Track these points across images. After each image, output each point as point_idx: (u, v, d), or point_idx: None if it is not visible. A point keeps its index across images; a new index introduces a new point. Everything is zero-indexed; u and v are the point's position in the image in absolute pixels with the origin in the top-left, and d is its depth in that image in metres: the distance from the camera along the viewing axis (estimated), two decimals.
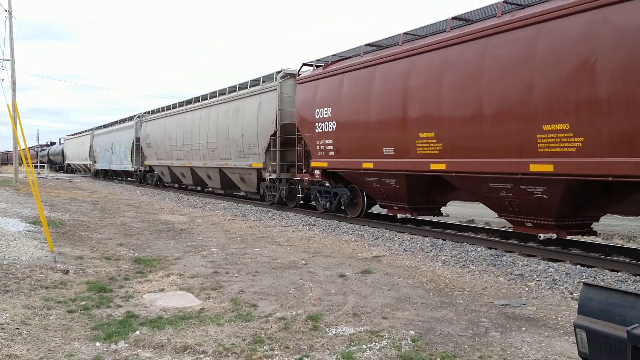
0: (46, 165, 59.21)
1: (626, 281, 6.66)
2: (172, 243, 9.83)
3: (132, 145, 29.49)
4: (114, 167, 34.22)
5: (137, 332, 4.64)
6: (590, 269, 7.31)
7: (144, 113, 29.20)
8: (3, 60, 27.95)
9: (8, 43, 27.56)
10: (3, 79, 27.79)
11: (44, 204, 13.97)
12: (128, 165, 30.84)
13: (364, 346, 4.36)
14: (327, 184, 13.58)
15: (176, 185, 26.45)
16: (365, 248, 9.40)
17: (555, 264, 7.58)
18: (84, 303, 5.57)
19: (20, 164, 30.60)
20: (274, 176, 15.40)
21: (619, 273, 7.02)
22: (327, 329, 4.80)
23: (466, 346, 4.42)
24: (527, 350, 4.34)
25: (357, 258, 8.44)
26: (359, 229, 11.44)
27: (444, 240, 9.80)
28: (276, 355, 4.17)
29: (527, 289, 6.53)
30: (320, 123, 12.88)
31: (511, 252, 8.64)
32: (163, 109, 26.06)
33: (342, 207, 13.30)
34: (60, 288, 6.13)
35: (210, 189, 22.40)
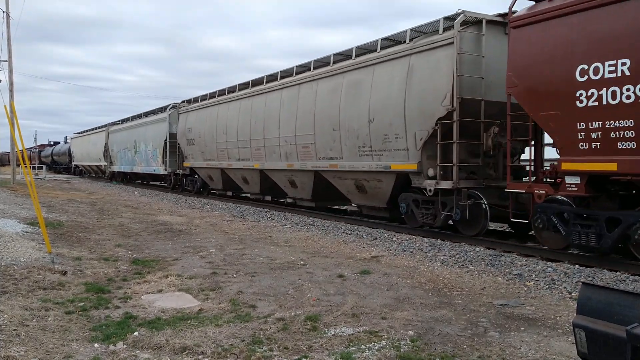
0: (44, 167, 58.33)
1: (625, 280, 6.66)
2: (171, 244, 9.81)
3: (165, 143, 23.63)
4: (138, 169, 28.40)
5: (136, 333, 4.63)
6: (588, 268, 7.32)
7: (182, 102, 23.33)
8: (0, 61, 27.88)
9: (5, 44, 27.50)
10: (0, 80, 27.77)
11: (41, 205, 13.94)
12: (158, 168, 24.86)
13: (363, 346, 4.36)
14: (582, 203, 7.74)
15: (230, 194, 20.15)
16: (364, 248, 9.39)
17: (553, 264, 7.58)
18: (82, 304, 5.55)
19: (18, 165, 30.51)
20: (446, 185, 9.56)
21: (618, 272, 7.03)
22: (326, 330, 4.79)
23: (465, 346, 4.42)
24: (526, 350, 4.34)
25: (356, 258, 8.43)
26: (358, 229, 11.44)
27: (443, 240, 9.79)
28: (275, 356, 4.17)
29: (525, 288, 6.53)
30: (592, 90, 7.12)
31: (510, 252, 8.64)
32: (213, 95, 19.75)
33: None
34: (58, 289, 6.12)
35: (290, 200, 16.41)
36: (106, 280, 6.76)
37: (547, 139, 8.55)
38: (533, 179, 8.56)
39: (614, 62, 6.90)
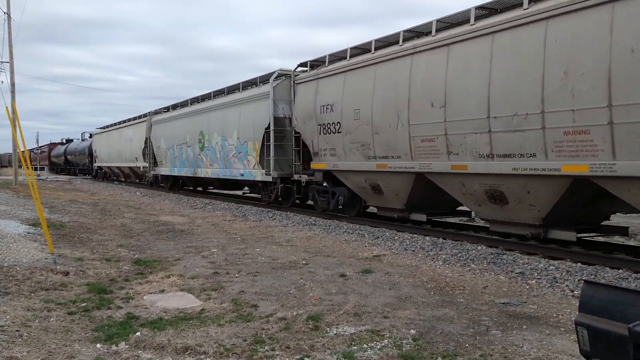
0: (46, 168, 57.60)
1: (627, 278, 6.64)
2: (173, 244, 9.82)
3: (263, 135, 15.40)
4: (206, 172, 19.79)
5: (138, 334, 4.63)
6: (591, 266, 7.30)
7: (298, 67, 14.68)
8: (2, 62, 27.93)
9: (7, 45, 27.54)
10: (2, 82, 27.82)
11: (43, 206, 13.96)
12: (250, 171, 16.36)
13: (365, 346, 4.36)
14: None
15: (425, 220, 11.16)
16: (366, 247, 9.39)
17: (555, 262, 7.57)
18: (84, 305, 5.56)
19: (20, 166, 30.55)
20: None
21: (620, 270, 7.01)
22: (328, 329, 4.79)
23: (467, 345, 4.41)
24: (529, 348, 4.34)
25: (358, 257, 8.43)
26: (360, 228, 11.43)
27: (445, 239, 9.78)
28: (277, 355, 4.17)
29: (527, 287, 6.52)
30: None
31: (512, 250, 8.62)
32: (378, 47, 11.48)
33: None
34: (61, 290, 6.13)
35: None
36: (108, 280, 6.76)
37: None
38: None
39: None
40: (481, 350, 4.27)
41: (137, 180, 31.09)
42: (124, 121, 31.71)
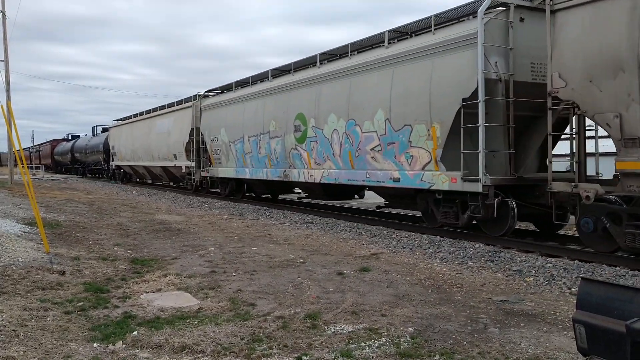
0: (42, 167, 56.42)
1: (624, 276, 6.66)
2: (169, 243, 9.80)
3: (458, 111, 8.94)
4: (312, 175, 13.36)
5: (135, 333, 4.62)
6: (588, 264, 7.32)
7: None
8: None
9: (2, 44, 27.41)
10: None
11: (39, 205, 13.90)
12: (418, 174, 9.92)
13: (362, 344, 4.35)
14: None
15: None
16: (363, 246, 9.39)
17: (553, 260, 7.58)
18: (81, 304, 5.54)
19: (16, 165, 30.39)
20: None
21: (617, 268, 7.03)
22: (326, 327, 4.79)
23: (465, 342, 4.42)
24: (526, 345, 4.34)
25: (355, 256, 8.43)
26: (357, 226, 11.43)
27: (442, 237, 9.79)
28: (275, 354, 4.16)
29: (525, 284, 6.53)
30: None
31: (509, 248, 8.63)
32: None
33: None
34: (57, 289, 6.10)
35: None
36: (105, 279, 6.74)
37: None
38: None
39: None
40: (479, 348, 4.28)
41: (172, 184, 25.10)
42: (156, 109, 25.44)
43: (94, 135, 43.66)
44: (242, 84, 17.73)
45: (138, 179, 31.17)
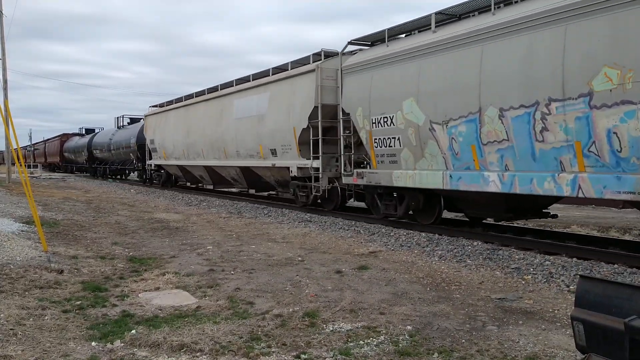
0: (40, 166, 55.70)
1: (622, 273, 6.67)
2: (168, 241, 9.78)
3: None
4: None
5: (133, 332, 4.61)
6: (586, 261, 7.33)
7: None
8: None
9: None
10: None
11: (37, 203, 13.86)
12: None
13: (361, 342, 4.35)
14: None
15: None
16: (362, 244, 9.39)
17: (551, 257, 7.59)
18: (79, 303, 5.53)
19: (14, 164, 30.25)
20: None
21: (615, 265, 7.04)
22: (324, 326, 4.78)
23: (463, 340, 4.42)
24: (525, 343, 4.34)
25: (354, 254, 8.43)
26: (355, 224, 11.43)
27: (440, 235, 9.79)
28: (273, 352, 4.15)
29: (523, 282, 6.54)
30: None
31: (507, 245, 8.65)
32: None
33: None
34: (55, 288, 6.09)
35: None
36: (103, 278, 6.73)
37: None
38: None
39: None
40: (477, 346, 4.28)
41: (256, 191, 18.41)
42: (230, 84, 17.74)
43: (119, 127, 33.77)
44: (440, 21, 9.97)
45: (190, 184, 22.99)
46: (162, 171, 25.19)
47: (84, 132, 46.55)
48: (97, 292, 6.00)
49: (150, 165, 25.89)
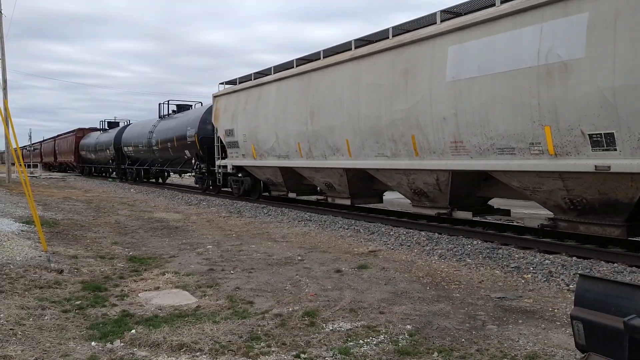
0: (40, 165, 54.83)
1: (622, 272, 6.67)
2: (167, 241, 9.78)
3: None
4: None
5: (133, 331, 4.61)
6: (586, 260, 7.33)
7: None
8: None
9: None
10: None
11: (37, 203, 13.86)
12: None
13: (361, 341, 4.35)
14: None
15: None
16: (361, 243, 9.39)
17: (551, 256, 7.59)
18: (78, 302, 5.53)
19: (13, 164, 30.18)
20: None
21: (615, 264, 7.04)
22: (324, 325, 4.78)
23: (463, 340, 4.42)
24: (524, 342, 4.34)
25: (353, 253, 8.43)
26: (355, 224, 11.43)
27: (440, 234, 9.79)
28: (273, 352, 4.15)
29: (523, 281, 6.54)
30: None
31: (507, 244, 8.65)
32: None
33: None
34: (55, 288, 6.09)
35: None
36: (103, 278, 6.73)
37: None
38: None
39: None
40: (477, 345, 4.28)
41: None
42: (409, 25, 10.26)
43: (162, 117, 25.46)
44: None
45: (291, 194, 15.17)
46: (244, 175, 16.91)
47: (106, 127, 38.04)
48: (97, 291, 6.00)
49: (225, 166, 17.47)
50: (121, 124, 35.94)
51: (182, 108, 25.70)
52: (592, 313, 2.98)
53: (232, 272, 7.07)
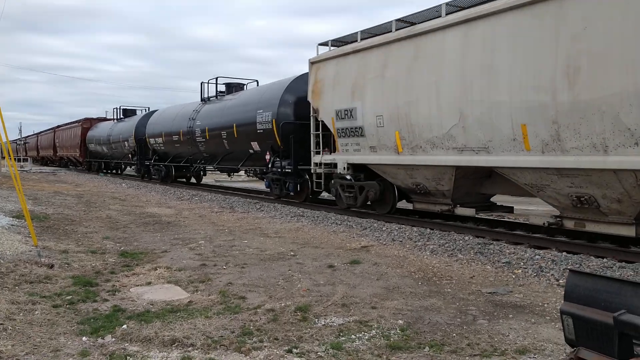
0: (30, 159, 54.29)
1: (611, 267, 6.73)
2: (159, 236, 9.75)
3: None
4: None
5: (124, 326, 4.59)
6: (576, 255, 7.39)
7: None
8: None
9: None
10: None
11: (27, 197, 13.77)
12: None
13: (353, 336, 4.37)
14: None
15: None
16: (354, 238, 9.40)
17: (541, 252, 7.65)
18: (69, 297, 5.50)
19: (3, 158, 29.84)
20: None
21: (605, 259, 7.10)
22: (316, 320, 4.80)
23: (454, 334, 4.44)
24: (514, 337, 4.38)
25: (346, 248, 8.44)
26: (348, 219, 11.44)
27: (432, 229, 9.83)
28: (265, 346, 4.16)
29: (514, 276, 6.58)
30: None
31: (498, 240, 8.70)
32: None
33: None
34: (45, 283, 6.05)
35: None
36: (94, 273, 6.69)
37: None
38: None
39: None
40: (468, 340, 4.31)
41: None
42: None
43: (204, 99, 19.93)
44: None
45: (471, 210, 9.74)
46: (368, 178, 11.56)
47: (121, 115, 30.81)
48: (88, 286, 5.97)
49: (330, 164, 12.45)
50: (138, 113, 29.20)
51: (231, 87, 19.47)
52: (581, 308, 3.01)
53: (224, 267, 7.06)
